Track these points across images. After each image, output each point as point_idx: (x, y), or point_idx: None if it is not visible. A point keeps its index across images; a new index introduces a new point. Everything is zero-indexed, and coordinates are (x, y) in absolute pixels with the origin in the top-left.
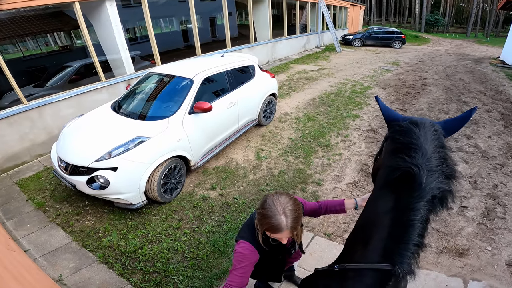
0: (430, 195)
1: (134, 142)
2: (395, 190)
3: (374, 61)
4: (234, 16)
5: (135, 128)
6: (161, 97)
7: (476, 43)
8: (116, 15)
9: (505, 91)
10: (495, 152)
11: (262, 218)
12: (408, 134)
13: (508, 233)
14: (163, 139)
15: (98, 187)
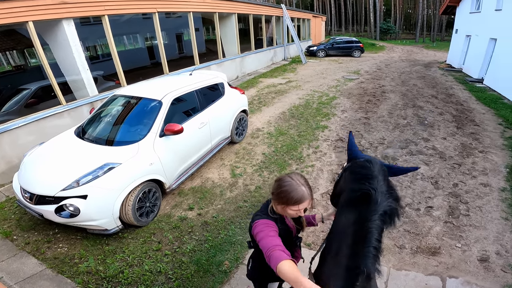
0: (382, 210)
1: (104, 169)
2: (356, 207)
3: (337, 71)
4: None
5: (104, 154)
6: (129, 121)
7: (424, 48)
8: (75, 34)
9: (454, 93)
10: (452, 152)
11: (284, 195)
12: (366, 168)
13: (474, 229)
14: (134, 164)
15: (68, 215)
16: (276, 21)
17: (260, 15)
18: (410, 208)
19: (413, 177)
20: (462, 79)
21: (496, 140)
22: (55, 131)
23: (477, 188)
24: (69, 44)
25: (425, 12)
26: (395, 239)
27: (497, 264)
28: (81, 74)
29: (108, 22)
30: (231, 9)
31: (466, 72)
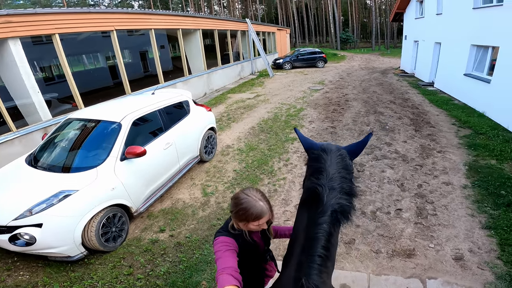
0: (330, 210)
1: (59, 197)
2: (307, 209)
3: (303, 83)
4: (167, 49)
5: (58, 181)
6: (86, 145)
7: (380, 56)
8: (22, 54)
9: (410, 98)
10: (413, 155)
11: (243, 212)
12: (317, 160)
13: (443, 228)
14: (93, 190)
15: (24, 244)
16: (241, 35)
17: (225, 30)
18: (381, 212)
19: (380, 181)
20: (415, 83)
21: (452, 139)
22: (5, 161)
23: (440, 187)
24: (16, 65)
25: (378, 20)
26: (371, 244)
27: (472, 262)
28: (31, 97)
29: (59, 41)
30: (195, 25)
31: (418, 77)
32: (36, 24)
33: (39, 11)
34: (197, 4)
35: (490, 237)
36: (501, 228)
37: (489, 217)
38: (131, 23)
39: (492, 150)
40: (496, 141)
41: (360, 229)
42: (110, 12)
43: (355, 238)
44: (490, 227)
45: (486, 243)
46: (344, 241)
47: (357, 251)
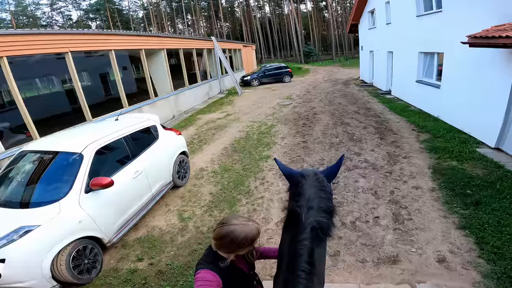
0: (310, 227)
1: (19, 233)
2: (289, 229)
3: (272, 99)
4: (130, 70)
5: (18, 218)
6: (45, 179)
7: (341, 67)
8: None
9: (372, 107)
10: (381, 162)
11: (234, 238)
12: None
13: (421, 231)
14: (57, 225)
15: None
16: (208, 53)
17: (191, 49)
18: (360, 221)
19: (355, 191)
20: (375, 92)
21: (414, 144)
22: None
23: (410, 192)
24: None
25: (336, 32)
26: (355, 254)
27: (455, 262)
28: None
29: (7, 64)
30: (159, 45)
31: (376, 86)
32: None
33: None
34: (160, 23)
35: (466, 237)
36: (475, 227)
37: (461, 217)
38: (88, 44)
39: (452, 152)
40: (453, 143)
41: (343, 240)
42: (63, 33)
43: (339, 250)
44: (465, 227)
45: (464, 243)
46: (329, 253)
47: (343, 262)
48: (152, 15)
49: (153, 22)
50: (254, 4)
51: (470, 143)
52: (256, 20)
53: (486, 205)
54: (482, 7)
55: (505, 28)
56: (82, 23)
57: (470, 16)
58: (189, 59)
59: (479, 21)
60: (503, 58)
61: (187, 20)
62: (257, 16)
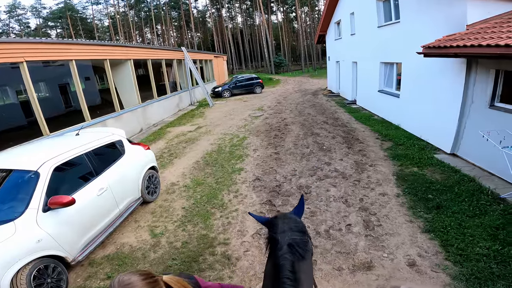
0: (286, 244)
1: None
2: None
3: (244, 110)
4: (93, 81)
5: None
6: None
7: (310, 78)
8: None
9: (339, 117)
10: (350, 171)
11: None
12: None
13: (390, 237)
14: (12, 245)
15: None
16: (178, 64)
17: (160, 59)
18: (333, 229)
19: (327, 200)
20: (341, 102)
21: (378, 152)
22: None
23: (378, 198)
24: None
25: (305, 43)
26: (331, 263)
27: (425, 266)
28: None
29: None
30: (124, 55)
31: (343, 96)
32: None
33: None
34: (128, 32)
35: (432, 240)
36: (439, 230)
37: (425, 221)
38: (46, 54)
39: (412, 159)
40: (413, 150)
41: (318, 249)
42: (18, 41)
43: (316, 259)
44: (429, 231)
45: (430, 246)
46: None
47: (320, 271)
48: (119, 24)
49: (120, 31)
50: (226, 15)
51: (428, 150)
52: (228, 31)
53: (447, 209)
54: (434, 17)
55: (455, 37)
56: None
57: (424, 27)
58: (158, 70)
59: (432, 31)
60: (455, 67)
61: (156, 30)
62: (229, 27)
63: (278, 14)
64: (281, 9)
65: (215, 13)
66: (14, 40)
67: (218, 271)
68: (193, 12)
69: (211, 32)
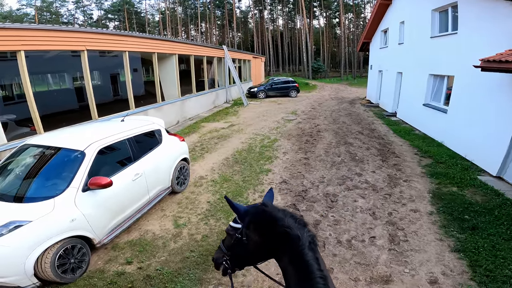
0: (308, 242)
1: (9, 227)
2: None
3: (277, 112)
4: (140, 73)
5: (9, 212)
6: (43, 174)
7: (348, 86)
8: None
9: (376, 128)
10: (381, 184)
11: None
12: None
13: (416, 253)
14: (48, 222)
15: None
16: (218, 62)
17: (202, 56)
18: (356, 240)
19: (353, 211)
20: (380, 113)
21: (415, 168)
22: None
23: (408, 214)
24: None
25: (346, 50)
26: (349, 273)
27: (447, 284)
28: None
29: (23, 58)
30: (171, 50)
31: (382, 107)
32: (1, 39)
33: (7, 26)
34: (175, 28)
35: (460, 260)
36: (470, 251)
37: (456, 240)
38: (104, 44)
39: (453, 178)
40: (455, 170)
41: (337, 257)
42: (82, 31)
43: (333, 267)
44: (459, 250)
45: (457, 265)
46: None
47: (336, 280)
48: (168, 19)
49: (168, 26)
50: (267, 16)
51: (472, 171)
52: (268, 33)
53: (483, 230)
54: (495, 30)
55: None
56: (101, 23)
57: (483, 40)
58: (198, 66)
59: (492, 45)
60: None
61: (200, 27)
62: (270, 29)
63: (320, 19)
64: (323, 14)
65: (257, 14)
66: (78, 30)
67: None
68: (236, 12)
69: (252, 32)
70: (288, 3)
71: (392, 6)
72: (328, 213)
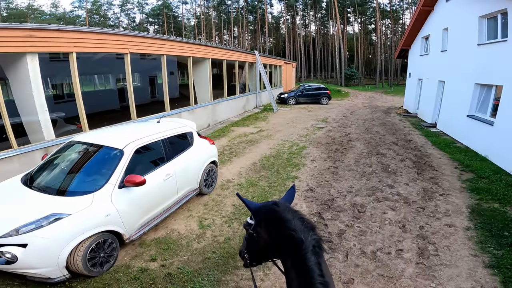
0: (311, 245)
1: (49, 219)
2: (288, 253)
3: (307, 119)
4: (176, 76)
5: (52, 204)
6: (85, 170)
7: (384, 94)
8: (37, 71)
9: (412, 139)
10: (415, 197)
11: None
12: (276, 212)
13: (445, 268)
14: (86, 216)
15: (4, 262)
16: (249, 67)
17: (234, 61)
18: (381, 252)
19: (381, 223)
20: (418, 124)
21: (454, 183)
22: (0, 178)
23: (442, 229)
24: (29, 80)
25: (382, 57)
26: (370, 284)
27: None
28: (38, 115)
29: (75, 59)
30: (205, 54)
31: (421, 117)
32: (56, 41)
33: (62, 28)
34: (209, 32)
35: (493, 276)
36: (505, 267)
37: (492, 256)
38: (145, 47)
39: (495, 194)
40: (499, 185)
41: (359, 268)
42: (127, 34)
43: (354, 278)
44: (493, 266)
45: (489, 281)
46: (343, 280)
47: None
48: (202, 24)
49: (202, 31)
50: (299, 22)
51: None
52: (300, 38)
53: None
54: None
55: None
56: (142, 26)
57: None
58: (230, 70)
59: None
60: None
61: (233, 32)
62: (302, 34)
63: (354, 24)
64: (358, 20)
65: (289, 19)
66: (124, 33)
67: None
68: (268, 18)
69: (283, 38)
70: (321, 8)
71: (434, 12)
72: (354, 223)
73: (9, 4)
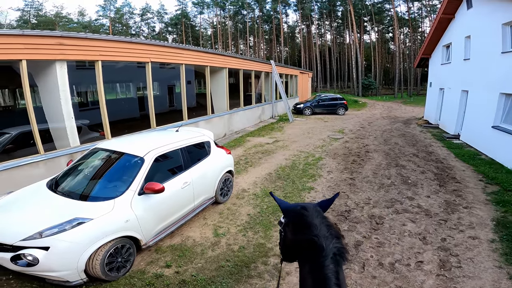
0: (332, 253)
1: (72, 223)
2: (307, 257)
3: (323, 130)
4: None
5: (75, 209)
6: (107, 176)
7: (403, 104)
8: (66, 79)
9: (434, 151)
10: (437, 210)
11: None
12: (303, 216)
13: (468, 279)
14: (107, 221)
15: (25, 264)
16: (265, 77)
17: (251, 70)
18: (400, 264)
19: (400, 234)
20: (439, 135)
21: (479, 195)
22: (27, 182)
23: (465, 241)
24: (58, 88)
25: (401, 66)
26: None
27: None
28: (64, 122)
29: (100, 68)
30: (222, 64)
31: (442, 128)
32: (84, 49)
33: (89, 36)
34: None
35: None
36: None
37: None
38: (165, 56)
39: None
40: None
41: (376, 280)
42: (148, 43)
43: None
44: None
45: None
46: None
47: None
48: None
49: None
50: (315, 31)
51: None
52: (316, 48)
53: None
54: None
55: None
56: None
57: None
58: (246, 80)
59: None
60: None
61: (249, 41)
62: (317, 44)
63: (371, 33)
64: (375, 28)
65: (305, 29)
66: (146, 42)
67: (266, 281)
68: (283, 27)
69: (299, 47)
70: (337, 18)
71: (456, 20)
72: (372, 235)
73: (39, 12)
